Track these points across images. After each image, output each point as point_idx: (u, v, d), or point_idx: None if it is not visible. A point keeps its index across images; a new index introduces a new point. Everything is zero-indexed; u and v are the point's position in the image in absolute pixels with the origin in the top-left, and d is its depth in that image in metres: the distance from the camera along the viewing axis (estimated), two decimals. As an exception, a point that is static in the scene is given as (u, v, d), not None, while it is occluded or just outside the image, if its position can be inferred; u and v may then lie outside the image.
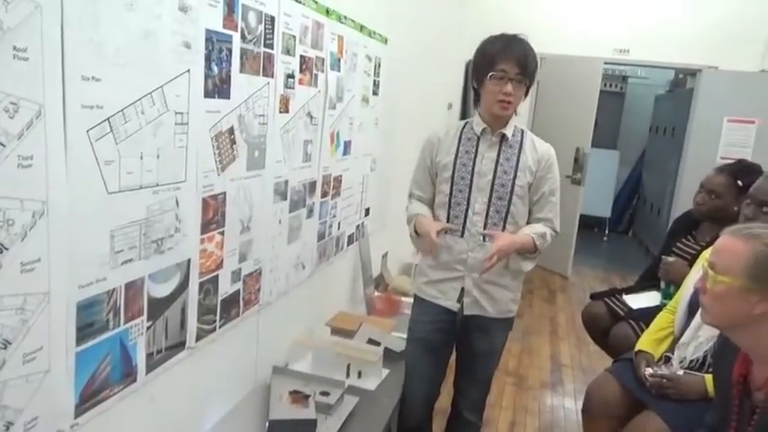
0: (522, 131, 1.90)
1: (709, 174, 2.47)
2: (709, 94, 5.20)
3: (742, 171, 2.38)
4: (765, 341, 1.24)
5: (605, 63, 5.40)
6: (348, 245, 2.72)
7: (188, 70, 1.33)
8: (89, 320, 1.15)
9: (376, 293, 2.96)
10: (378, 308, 2.83)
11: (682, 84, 6.44)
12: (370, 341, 2.29)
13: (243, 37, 1.55)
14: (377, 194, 3.01)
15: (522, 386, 3.32)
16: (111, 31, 1.10)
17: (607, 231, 7.71)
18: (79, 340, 1.13)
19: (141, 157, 1.23)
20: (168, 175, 1.33)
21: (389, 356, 2.21)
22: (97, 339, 1.18)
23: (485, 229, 1.86)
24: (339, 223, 2.54)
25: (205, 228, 1.51)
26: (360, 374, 2.13)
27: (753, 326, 1.24)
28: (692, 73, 5.55)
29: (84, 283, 1.12)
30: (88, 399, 1.18)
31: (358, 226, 2.82)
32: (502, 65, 1.76)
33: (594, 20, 5.41)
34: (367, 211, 2.93)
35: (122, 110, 1.15)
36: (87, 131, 1.07)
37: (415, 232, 1.95)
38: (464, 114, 5.15)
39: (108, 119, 1.12)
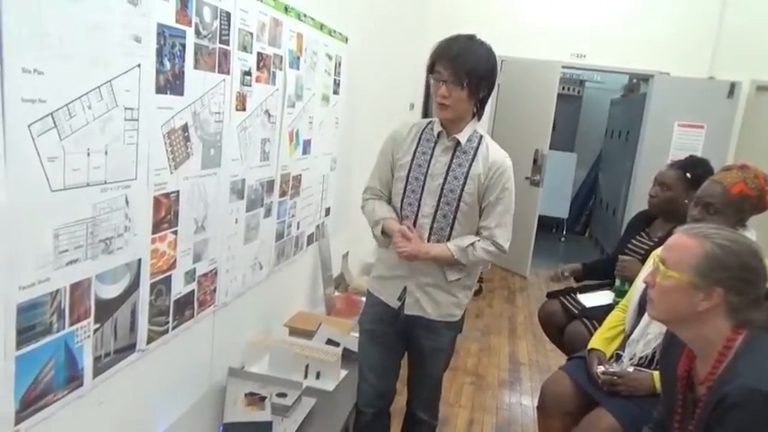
0: (481, 137, 1.86)
1: (662, 168, 2.65)
2: (661, 99, 5.37)
3: (690, 164, 2.56)
4: (707, 337, 1.29)
5: (563, 67, 5.52)
6: (308, 245, 2.69)
7: (138, 65, 1.30)
8: (30, 323, 1.10)
9: (336, 293, 2.94)
10: (338, 308, 2.82)
11: (635, 89, 6.64)
12: (329, 342, 2.28)
13: (197, 32, 1.51)
14: (337, 194, 3.00)
15: (480, 385, 3.36)
16: (55, 22, 1.06)
17: (564, 232, 7.88)
18: (20, 344, 1.08)
19: (88, 154, 1.18)
20: (117, 172, 1.29)
21: (348, 357, 2.21)
22: (39, 343, 1.13)
23: (430, 232, 1.85)
24: (298, 223, 2.52)
25: (157, 227, 1.47)
26: (318, 375, 2.11)
27: (696, 322, 1.29)
28: (645, 78, 5.73)
29: (26, 285, 1.08)
30: (30, 404, 1.14)
31: (318, 226, 2.80)
32: (437, 66, 1.76)
33: (553, 24, 5.53)
34: (327, 211, 2.91)
35: (67, 104, 1.11)
36: (29, 126, 1.03)
37: (381, 233, 1.93)
38: (426, 114, 5.18)
39: (51, 113, 1.08)
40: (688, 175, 2.50)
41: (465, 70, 1.72)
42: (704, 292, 1.26)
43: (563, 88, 7.28)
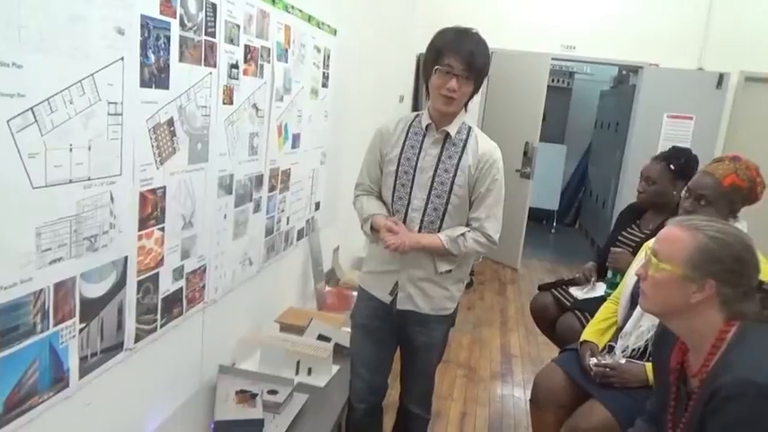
0: (470, 129, 1.86)
1: (647, 163, 2.64)
2: (651, 90, 5.38)
3: (673, 156, 2.56)
4: (699, 330, 1.28)
5: (553, 59, 5.51)
6: (298, 239, 2.67)
7: (122, 58, 1.26)
8: (13, 324, 1.08)
9: (327, 288, 2.92)
10: (329, 303, 2.80)
11: (625, 80, 6.65)
12: (321, 337, 2.27)
13: (182, 24, 1.48)
14: (327, 188, 2.97)
15: (472, 378, 3.36)
16: (33, 14, 1.02)
17: (555, 224, 7.90)
18: (2, 345, 1.06)
19: (70, 150, 1.16)
20: (101, 168, 1.26)
21: (340, 352, 2.19)
22: (23, 344, 1.11)
23: (421, 225, 1.83)
24: (288, 218, 2.49)
25: (143, 224, 1.45)
26: (309, 371, 2.10)
27: (688, 314, 1.28)
28: (635, 70, 5.73)
29: (7, 285, 1.05)
30: (14, 407, 1.11)
31: (308, 220, 2.78)
32: (448, 59, 1.73)
33: (542, 16, 5.51)
34: (317, 206, 2.89)
35: (48, 99, 1.08)
36: (8, 122, 1.00)
37: (370, 229, 1.91)
38: (416, 107, 5.16)
39: (31, 108, 1.05)
40: (672, 166, 2.51)
41: (479, 67, 1.74)
42: (697, 285, 1.25)
43: (553, 80, 7.28)
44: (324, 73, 2.66)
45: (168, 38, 1.43)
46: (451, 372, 3.37)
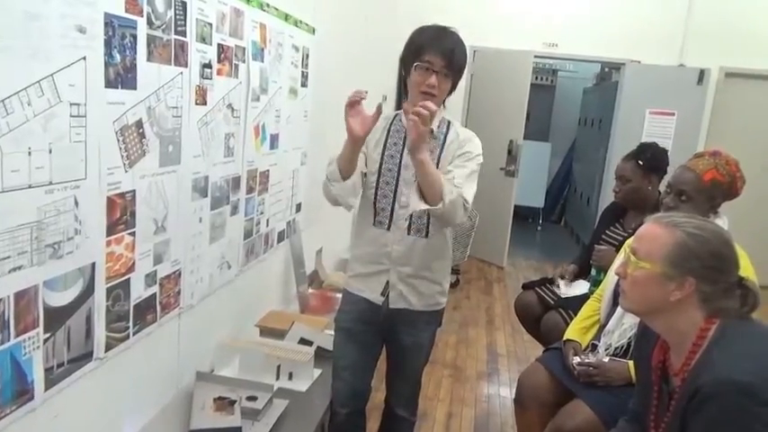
0: (449, 123, 1.86)
1: (618, 163, 2.66)
2: (633, 87, 5.40)
3: (641, 152, 2.59)
4: (680, 328, 1.26)
5: (535, 57, 5.51)
6: (279, 242, 2.63)
7: (84, 57, 1.22)
8: (-31, 336, 1.03)
9: (310, 291, 2.88)
10: (312, 305, 2.76)
11: (607, 77, 6.67)
12: (302, 341, 2.23)
13: (150, 23, 1.44)
14: (309, 189, 2.93)
15: (458, 378, 3.34)
16: (-16, 11, 0.98)
17: (540, 221, 7.92)
18: (-43, 359, 1.01)
19: (29, 153, 1.11)
20: (64, 172, 1.21)
21: (322, 355, 2.15)
22: (-19, 357, 1.06)
23: (410, 221, 1.81)
24: (268, 220, 2.45)
25: (112, 229, 1.40)
26: (290, 376, 2.06)
27: (668, 313, 1.26)
28: (617, 67, 5.75)
29: (-38, 295, 1.01)
30: (-27, 423, 1.07)
31: (289, 222, 2.74)
32: (428, 56, 1.72)
33: (525, 14, 5.52)
34: (298, 207, 2.85)
35: (3, 100, 1.03)
36: (-42, 125, 0.96)
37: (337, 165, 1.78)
38: (399, 106, 5.12)
39: (-16, 110, 1.00)
40: (640, 161, 2.53)
41: (458, 64, 1.75)
42: (676, 282, 1.23)
43: (536, 78, 7.29)
44: (303, 72, 2.63)
45: (135, 36, 1.39)
46: (438, 372, 3.35)
